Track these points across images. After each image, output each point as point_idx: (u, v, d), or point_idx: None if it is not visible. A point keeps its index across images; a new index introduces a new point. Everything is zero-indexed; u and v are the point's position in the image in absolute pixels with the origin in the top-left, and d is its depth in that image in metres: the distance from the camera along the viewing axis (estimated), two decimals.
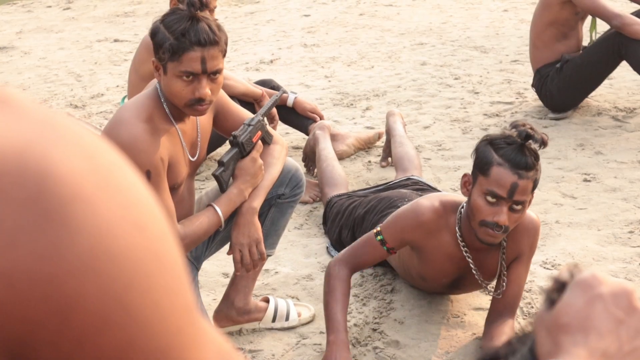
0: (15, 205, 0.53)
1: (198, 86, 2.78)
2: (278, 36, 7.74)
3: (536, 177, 2.81)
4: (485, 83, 5.96)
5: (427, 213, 2.99)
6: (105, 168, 0.57)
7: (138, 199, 0.58)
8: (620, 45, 4.88)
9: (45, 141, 0.55)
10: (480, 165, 2.84)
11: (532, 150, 2.79)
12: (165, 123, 2.86)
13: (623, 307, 0.80)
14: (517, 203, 2.80)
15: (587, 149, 4.73)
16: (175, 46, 2.72)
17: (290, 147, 4.91)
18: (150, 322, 0.57)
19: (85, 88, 6.45)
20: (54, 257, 0.53)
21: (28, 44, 7.96)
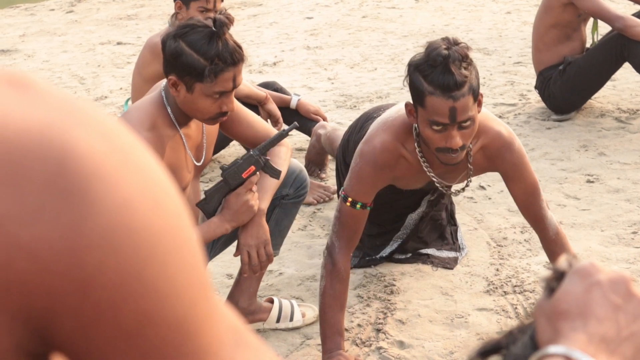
0: (37, 183, 0.55)
1: (226, 101, 2.81)
2: (281, 39, 7.76)
3: (472, 86, 2.73)
4: (489, 85, 5.96)
5: (381, 154, 2.95)
6: (124, 148, 0.59)
7: (155, 178, 0.60)
8: (623, 47, 4.89)
9: (66, 122, 0.57)
10: (415, 96, 2.79)
11: (459, 62, 2.70)
12: (169, 129, 2.86)
13: (621, 294, 0.82)
14: (464, 121, 2.75)
15: (591, 150, 4.74)
16: (213, 70, 2.74)
17: (293, 149, 4.92)
18: (167, 296, 0.59)
19: (88, 91, 6.46)
20: (75, 232, 0.55)
21: (31, 47, 7.98)
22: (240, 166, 2.93)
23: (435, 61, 2.69)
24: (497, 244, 3.80)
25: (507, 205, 4.11)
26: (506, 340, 0.86)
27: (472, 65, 2.75)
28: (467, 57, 2.72)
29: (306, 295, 3.48)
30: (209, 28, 2.75)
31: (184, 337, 0.61)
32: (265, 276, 3.46)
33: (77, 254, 0.55)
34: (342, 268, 3.00)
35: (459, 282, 3.52)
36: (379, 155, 2.95)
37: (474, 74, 2.75)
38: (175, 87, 2.80)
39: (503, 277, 3.52)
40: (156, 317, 0.59)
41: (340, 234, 3.03)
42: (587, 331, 0.80)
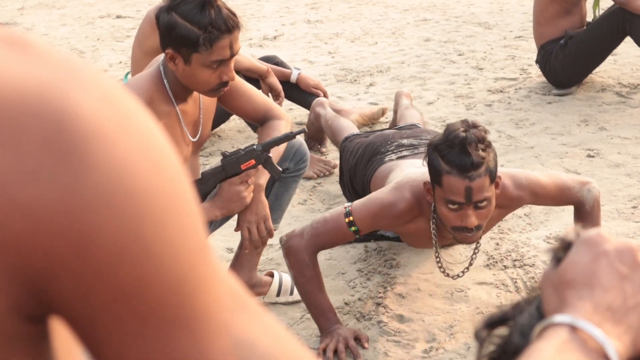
0: (35, 142, 0.54)
1: (225, 70, 2.78)
2: (281, 12, 7.72)
3: (490, 168, 2.78)
4: (489, 59, 5.95)
5: (400, 206, 2.98)
6: (123, 109, 0.59)
7: (154, 140, 0.60)
8: (625, 20, 4.87)
9: (65, 81, 0.57)
10: (433, 175, 2.84)
11: (475, 144, 2.76)
12: (166, 104, 2.85)
13: (627, 263, 0.82)
14: (480, 202, 2.80)
15: (591, 124, 4.73)
16: (207, 39, 2.71)
17: (293, 123, 4.91)
18: (165, 257, 0.59)
19: None
20: (73, 192, 0.55)
21: (30, 20, 7.94)
22: (241, 157, 2.92)
23: (454, 142, 2.75)
24: None
25: None
26: (513, 311, 0.86)
27: (490, 147, 2.81)
28: (484, 140, 2.78)
29: None
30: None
31: (182, 299, 0.60)
32: (265, 250, 3.47)
33: (75, 215, 0.55)
34: (307, 258, 2.96)
35: (459, 256, 3.52)
36: (402, 204, 2.97)
37: (492, 156, 2.81)
38: (173, 60, 2.78)
39: (503, 251, 3.53)
40: (154, 278, 0.58)
41: (316, 234, 2.97)
42: (593, 300, 0.80)
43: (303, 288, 2.98)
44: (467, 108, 5.08)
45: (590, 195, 3.11)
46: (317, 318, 2.99)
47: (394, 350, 2.97)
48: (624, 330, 0.79)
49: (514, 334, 0.84)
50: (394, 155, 3.47)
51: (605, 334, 0.78)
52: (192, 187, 0.63)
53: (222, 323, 0.64)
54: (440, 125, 4.84)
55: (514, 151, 4.45)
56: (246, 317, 0.68)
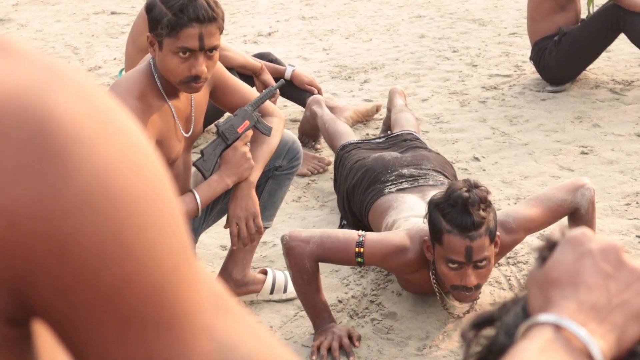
0: (15, 146, 0.54)
1: (195, 63, 2.76)
2: (276, 9, 7.72)
3: (490, 228, 2.80)
4: (484, 56, 5.95)
5: (410, 255, 2.97)
6: (103, 112, 0.59)
7: (136, 142, 0.60)
8: (619, 17, 4.88)
9: (45, 85, 0.57)
10: (434, 233, 2.85)
11: (477, 204, 2.78)
12: (158, 100, 2.85)
13: (612, 262, 0.82)
14: (480, 261, 2.82)
15: (585, 121, 4.74)
16: (173, 22, 2.70)
17: (287, 120, 4.90)
18: (146, 260, 0.59)
19: (82, 61, 6.43)
20: (53, 196, 0.55)
21: (24, 16, 7.93)
22: (235, 121, 2.95)
23: (456, 202, 2.77)
24: None
25: (501, 177, 4.12)
26: (499, 312, 0.87)
27: (490, 207, 2.83)
28: (486, 200, 2.80)
29: None
30: None
31: (163, 301, 0.60)
32: (258, 248, 3.47)
33: (55, 217, 0.55)
34: (309, 266, 2.96)
35: None
36: (410, 254, 2.97)
37: (492, 216, 2.82)
38: (152, 45, 2.80)
39: None
40: (135, 281, 0.58)
41: (324, 248, 2.95)
42: (578, 299, 0.80)
43: (300, 289, 2.97)
44: (462, 105, 5.08)
45: (584, 199, 3.11)
46: (313, 317, 2.99)
47: (387, 348, 2.97)
48: (609, 330, 0.80)
49: (500, 334, 0.84)
50: (393, 186, 3.45)
51: (589, 333, 0.78)
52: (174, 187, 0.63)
53: (204, 325, 0.64)
54: (434, 121, 4.84)
55: (508, 148, 4.45)
56: (228, 319, 0.68)
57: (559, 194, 3.11)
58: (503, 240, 2.99)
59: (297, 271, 2.95)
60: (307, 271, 2.95)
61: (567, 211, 3.12)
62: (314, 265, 2.95)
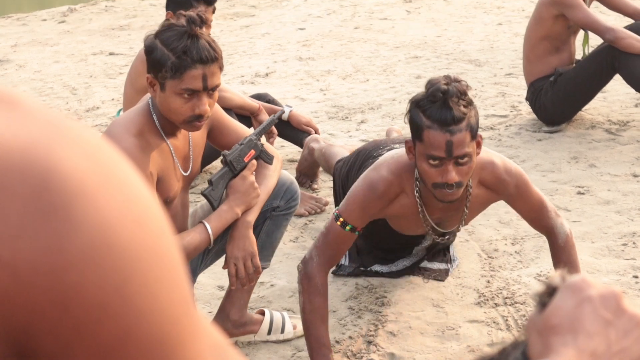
0: (20, 200, 0.55)
1: (198, 103, 2.78)
2: (273, 49, 7.77)
3: (471, 124, 2.78)
4: (480, 96, 5.98)
5: (381, 186, 2.99)
6: (107, 166, 0.60)
7: (138, 195, 0.61)
8: (614, 58, 4.91)
9: (50, 139, 0.57)
10: (414, 130, 2.83)
11: (457, 98, 2.76)
12: (157, 138, 2.86)
13: (611, 309, 0.83)
14: (461, 157, 2.79)
15: (581, 161, 4.75)
16: (177, 64, 2.72)
17: (285, 160, 4.92)
18: (148, 313, 0.59)
19: (80, 101, 6.46)
20: (57, 249, 0.55)
21: (23, 57, 7.98)
22: (242, 150, 2.98)
23: (435, 96, 2.75)
24: (488, 256, 3.81)
25: (499, 217, 4.12)
26: (499, 356, 0.87)
27: (472, 105, 2.81)
28: (465, 94, 2.78)
29: (297, 308, 3.47)
30: (185, 27, 2.76)
31: (165, 354, 0.61)
32: (256, 288, 3.46)
33: (58, 272, 0.55)
34: (320, 282, 2.99)
35: (450, 293, 3.52)
36: (381, 184, 3.00)
37: (474, 114, 2.80)
38: (152, 86, 2.81)
39: (494, 288, 3.53)
40: (137, 334, 0.59)
41: (322, 250, 3.03)
42: (577, 346, 0.80)
43: (307, 317, 2.97)
44: None
45: (562, 229, 3.12)
46: (312, 351, 2.97)
47: None
48: None
49: None
50: None
51: None
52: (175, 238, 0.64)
53: None
54: None
55: None
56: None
57: (548, 205, 3.13)
58: (498, 173, 3.01)
59: (307, 296, 2.97)
60: (318, 293, 2.97)
61: (545, 222, 3.12)
62: (324, 280, 2.99)
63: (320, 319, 2.97)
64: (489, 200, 3.18)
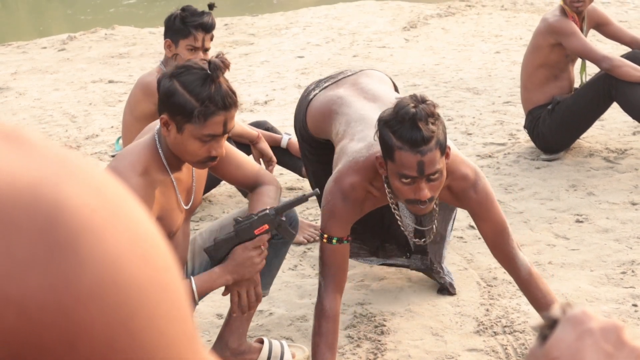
0: (28, 237, 0.55)
1: (215, 146, 2.80)
2: (272, 77, 7.80)
3: (440, 141, 2.82)
4: (478, 124, 6.00)
5: (352, 192, 3.05)
6: (113, 202, 0.60)
7: (144, 231, 0.61)
8: (611, 86, 4.94)
9: (57, 176, 0.58)
10: (385, 150, 2.87)
11: (425, 119, 2.79)
12: (161, 173, 2.86)
13: (612, 342, 0.83)
14: (432, 174, 2.84)
15: (580, 190, 4.76)
16: (202, 112, 2.72)
17: (284, 188, 4.93)
18: (155, 348, 0.60)
19: (79, 129, 6.47)
20: (64, 286, 0.56)
21: (23, 85, 8.00)
22: (254, 222, 2.93)
23: (404, 118, 2.79)
24: (487, 284, 3.80)
25: None
26: None
27: (439, 120, 2.85)
28: (433, 114, 2.82)
29: (296, 336, 3.47)
30: (204, 70, 2.75)
31: None
32: (255, 316, 3.46)
33: (66, 309, 0.56)
34: (328, 307, 3.02)
35: (449, 322, 3.52)
36: (349, 193, 3.06)
37: (441, 129, 2.84)
38: (166, 126, 2.80)
39: (493, 317, 3.52)
40: None
41: (324, 273, 3.09)
42: None
43: (314, 341, 3.02)
44: None
45: (524, 262, 3.12)
46: None
47: None
48: None
49: None
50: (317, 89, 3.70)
51: None
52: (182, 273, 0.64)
53: None
54: None
55: None
56: None
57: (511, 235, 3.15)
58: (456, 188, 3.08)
59: (317, 321, 3.03)
60: (326, 318, 3.02)
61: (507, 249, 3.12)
62: (333, 304, 3.04)
63: (327, 344, 2.98)
64: (452, 203, 3.25)
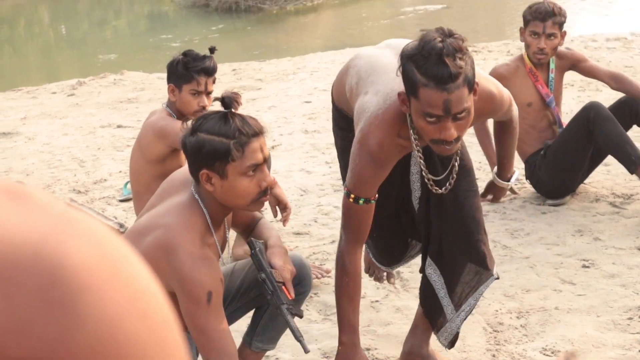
0: (29, 294, 0.57)
1: (262, 176, 2.73)
2: (279, 122, 7.84)
3: (467, 77, 2.66)
4: (484, 169, 6.01)
5: (380, 153, 2.87)
6: (114, 259, 0.62)
7: (143, 289, 0.63)
8: (589, 121, 4.96)
9: (59, 234, 0.60)
10: (408, 86, 2.71)
11: (453, 54, 2.63)
12: (208, 237, 2.79)
13: None
14: (459, 113, 2.69)
15: (586, 235, 4.77)
16: (237, 144, 2.66)
17: (290, 233, 4.94)
18: None
19: (88, 173, 6.51)
20: (65, 344, 0.57)
21: (32, 129, 8.06)
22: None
23: (430, 53, 2.63)
24: (494, 330, 3.80)
25: (503, 290, 4.12)
26: None
27: (467, 55, 2.68)
28: (462, 49, 2.66)
29: None
30: (221, 111, 2.72)
31: None
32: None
33: None
34: (348, 262, 3.00)
35: None
36: (377, 155, 2.88)
37: (469, 64, 2.68)
38: (209, 181, 2.70)
39: None
40: None
41: (346, 228, 3.02)
42: None
43: (336, 295, 3.05)
44: None
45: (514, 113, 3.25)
46: (339, 330, 3.04)
47: None
48: None
49: None
50: None
51: None
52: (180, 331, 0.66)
53: None
54: None
55: (509, 261, 4.47)
56: None
57: None
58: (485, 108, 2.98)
59: (337, 274, 3.03)
60: (346, 272, 2.99)
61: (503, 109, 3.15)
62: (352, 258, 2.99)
63: (348, 298, 2.99)
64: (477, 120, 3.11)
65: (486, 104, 2.97)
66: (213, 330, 2.63)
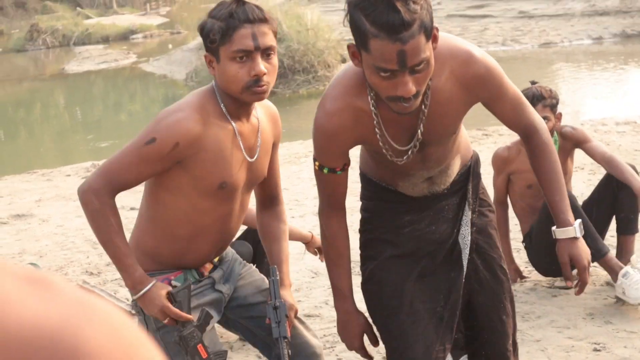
0: None
1: (253, 65, 2.72)
2: (291, 205, 7.88)
3: (424, 22, 2.29)
4: None
5: (331, 118, 2.60)
6: (129, 344, 0.65)
7: None
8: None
9: (77, 320, 0.63)
10: (358, 38, 2.36)
11: None
12: (221, 119, 2.82)
13: None
14: (417, 65, 2.34)
15: (597, 318, 4.75)
16: (224, 27, 2.71)
17: (302, 315, 4.93)
18: None
19: (100, 255, 6.55)
20: None
21: (47, 211, 8.13)
22: None
23: None
24: None
25: None
26: None
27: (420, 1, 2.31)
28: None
29: None
30: None
31: None
32: None
33: None
34: (323, 224, 2.96)
35: None
36: (328, 121, 2.61)
37: (425, 8, 2.31)
38: (210, 64, 2.80)
39: None
40: None
41: (319, 192, 2.95)
42: None
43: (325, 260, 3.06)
44: None
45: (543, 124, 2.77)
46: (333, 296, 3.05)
47: None
48: None
49: None
50: None
51: None
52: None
53: None
54: None
55: (520, 345, 4.44)
56: None
57: None
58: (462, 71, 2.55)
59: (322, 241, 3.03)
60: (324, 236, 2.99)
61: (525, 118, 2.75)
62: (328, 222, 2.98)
63: (332, 263, 2.95)
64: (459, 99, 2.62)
65: (466, 69, 2.56)
66: (115, 159, 2.85)
